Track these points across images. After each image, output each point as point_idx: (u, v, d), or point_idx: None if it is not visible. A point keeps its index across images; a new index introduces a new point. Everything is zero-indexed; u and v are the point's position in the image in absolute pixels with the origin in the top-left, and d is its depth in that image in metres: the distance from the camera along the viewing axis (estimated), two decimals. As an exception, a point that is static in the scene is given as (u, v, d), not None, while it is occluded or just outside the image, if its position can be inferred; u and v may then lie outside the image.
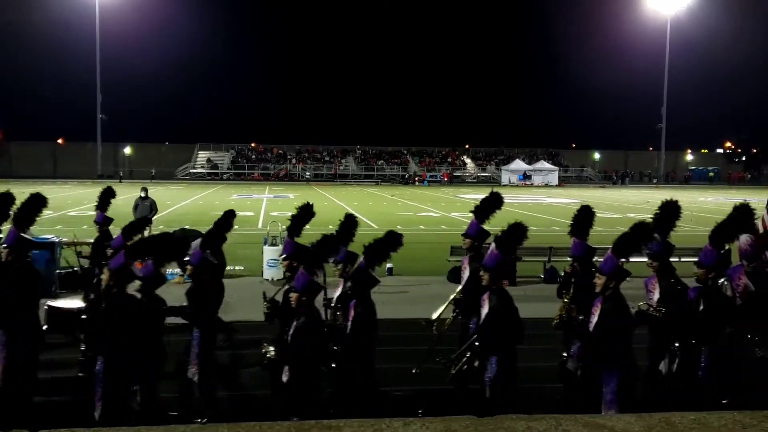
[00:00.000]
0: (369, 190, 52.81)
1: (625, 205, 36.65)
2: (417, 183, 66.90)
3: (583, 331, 5.78)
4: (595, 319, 5.50)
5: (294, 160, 77.36)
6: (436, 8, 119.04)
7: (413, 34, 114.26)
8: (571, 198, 43.53)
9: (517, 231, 5.98)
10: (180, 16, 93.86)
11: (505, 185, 65.78)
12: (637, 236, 5.76)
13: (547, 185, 65.40)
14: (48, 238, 12.41)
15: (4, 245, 5.92)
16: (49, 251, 11.40)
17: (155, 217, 16.24)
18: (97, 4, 66.58)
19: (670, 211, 6.38)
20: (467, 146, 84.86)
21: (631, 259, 5.94)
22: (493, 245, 5.91)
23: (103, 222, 8.69)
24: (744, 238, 6.61)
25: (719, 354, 5.81)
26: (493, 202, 6.84)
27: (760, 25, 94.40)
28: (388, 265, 13.89)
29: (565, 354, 6.19)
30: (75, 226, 21.58)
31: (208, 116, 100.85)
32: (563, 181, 69.71)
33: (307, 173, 72.92)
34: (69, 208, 29.28)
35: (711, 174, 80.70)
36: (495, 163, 78.75)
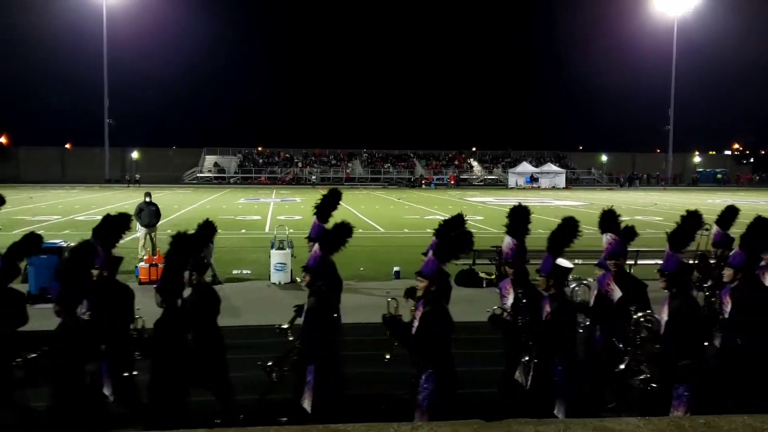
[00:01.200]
0: (376, 193, 52.82)
1: (633, 207, 36.47)
2: (424, 186, 66.86)
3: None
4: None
5: (300, 164, 77.50)
6: (442, 11, 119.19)
7: (420, 36, 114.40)
8: (579, 200, 43.38)
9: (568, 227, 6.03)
10: (187, 21, 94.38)
11: (512, 188, 65.68)
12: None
13: (554, 188, 65.22)
14: (56, 243, 12.46)
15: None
16: (56, 256, 11.44)
17: (160, 222, 16.23)
18: (105, 9, 66.97)
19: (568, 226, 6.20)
20: (474, 149, 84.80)
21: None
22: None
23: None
24: (606, 237, 6.53)
25: (572, 362, 5.64)
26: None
27: (767, 26, 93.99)
28: (396, 268, 13.88)
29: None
30: (83, 231, 21.71)
31: (215, 120, 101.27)
32: (570, 184, 69.50)
33: (313, 177, 72.99)
34: (77, 212, 29.40)
35: (719, 176, 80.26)
36: (502, 166, 78.62)
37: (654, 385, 5.68)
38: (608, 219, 6.58)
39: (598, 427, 5.51)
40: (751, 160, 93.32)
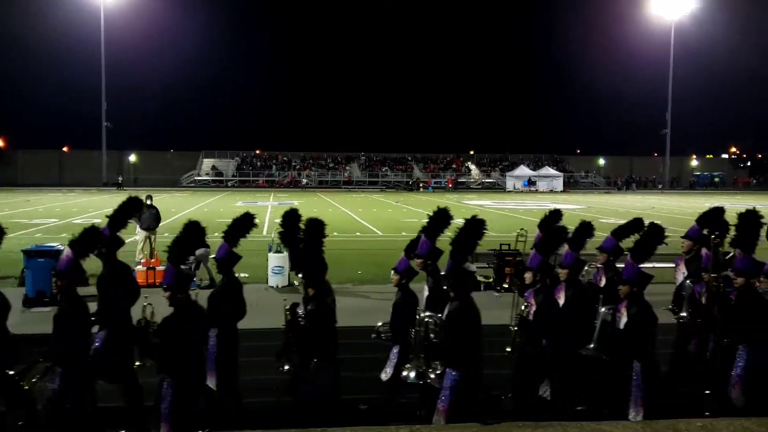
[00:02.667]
0: (373, 196, 52.83)
1: (631, 210, 36.52)
2: (421, 189, 66.89)
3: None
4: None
5: (299, 167, 77.50)
6: (441, 14, 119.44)
7: (418, 40, 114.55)
8: (577, 204, 43.43)
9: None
10: (184, 24, 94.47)
11: (509, 191, 65.72)
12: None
13: (551, 191, 65.29)
14: (53, 246, 12.43)
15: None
16: (54, 259, 11.40)
17: (160, 225, 16.19)
18: (102, 13, 66.97)
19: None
20: (472, 152, 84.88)
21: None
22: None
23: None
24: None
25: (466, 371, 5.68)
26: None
27: (765, 30, 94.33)
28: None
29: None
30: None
31: (213, 124, 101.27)
32: (568, 187, 69.59)
33: (304, 180, 72.75)
34: (74, 215, 29.36)
35: (716, 179, 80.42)
36: (499, 169, 78.68)
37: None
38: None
39: (595, 430, 5.51)
40: (749, 163, 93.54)
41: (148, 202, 15.55)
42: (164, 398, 4.99)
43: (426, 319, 5.69)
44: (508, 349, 6.26)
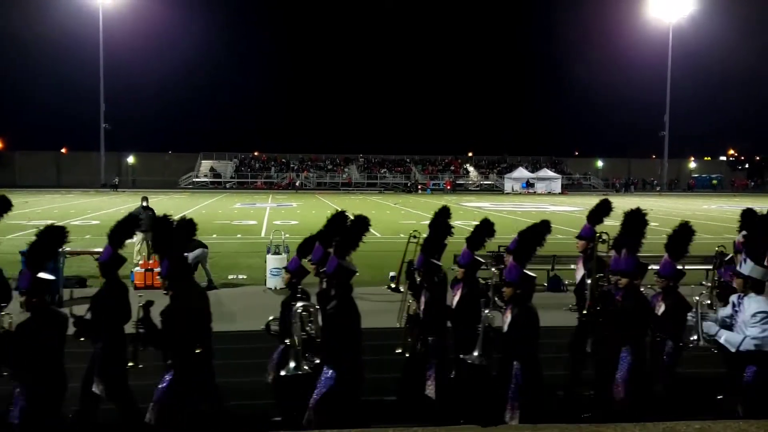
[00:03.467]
0: (372, 198, 52.82)
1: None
2: (420, 191, 66.91)
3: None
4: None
5: (296, 169, 77.48)
6: (439, 17, 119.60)
7: (416, 42, 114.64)
8: (575, 206, 43.46)
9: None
10: (183, 26, 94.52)
11: (508, 193, 65.77)
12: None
13: (550, 193, 65.36)
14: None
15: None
16: (51, 261, 11.36)
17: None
18: (101, 14, 66.99)
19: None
20: (470, 154, 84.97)
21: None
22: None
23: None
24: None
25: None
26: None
27: (762, 32, 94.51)
28: (392, 273, 13.84)
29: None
30: (79, 236, 21.64)
31: (212, 125, 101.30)
32: (566, 189, 69.67)
33: (298, 182, 72.63)
34: (72, 217, 29.33)
35: (714, 181, 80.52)
36: (498, 171, 78.76)
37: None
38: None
39: (594, 433, 5.51)
40: (746, 165, 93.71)
41: (144, 203, 15.50)
42: (15, 405, 4.89)
43: (301, 312, 5.63)
44: (398, 350, 6.28)
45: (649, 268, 6.58)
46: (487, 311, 5.89)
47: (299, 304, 5.76)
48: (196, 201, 44.63)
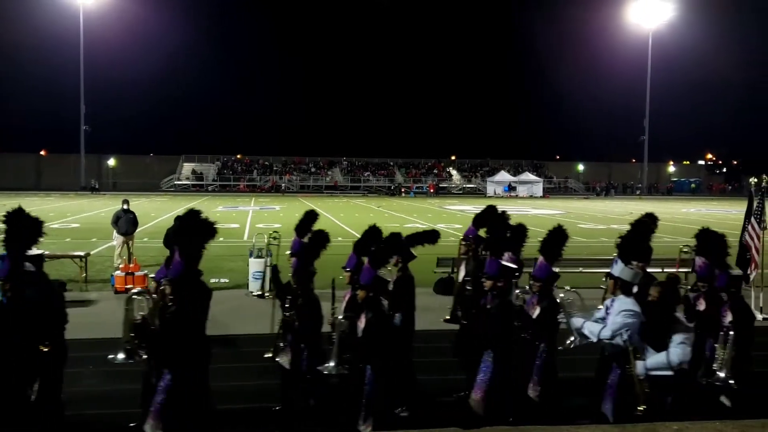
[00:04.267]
0: (355, 201, 52.82)
1: (609, 216, 36.97)
2: (403, 194, 67.03)
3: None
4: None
5: (279, 172, 77.24)
6: (423, 21, 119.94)
7: (400, 46, 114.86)
8: (556, 209, 43.82)
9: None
10: (165, 27, 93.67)
11: (490, 196, 66.14)
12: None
13: (531, 197, 65.82)
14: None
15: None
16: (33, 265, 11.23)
17: (137, 230, 16.04)
18: (81, 14, 66.31)
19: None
20: (453, 158, 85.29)
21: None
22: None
23: None
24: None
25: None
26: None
27: (741, 39, 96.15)
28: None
29: None
30: (58, 239, 21.40)
31: (194, 128, 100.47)
32: (548, 193, 70.22)
33: (282, 185, 72.20)
34: (52, 220, 28.98)
35: (693, 185, 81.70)
36: (480, 175, 79.16)
37: None
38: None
39: (574, 434, 5.57)
40: (724, 170, 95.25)
41: (125, 206, 15.37)
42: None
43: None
44: (267, 355, 6.41)
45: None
46: (341, 317, 5.77)
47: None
48: (177, 204, 44.30)
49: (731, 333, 5.81)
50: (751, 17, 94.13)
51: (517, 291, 6.23)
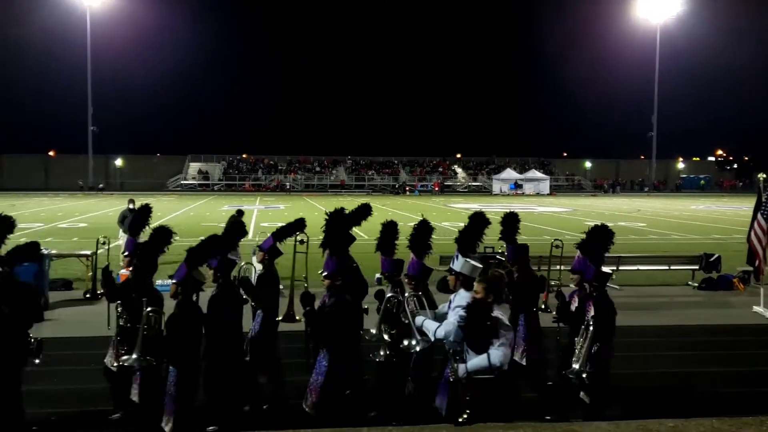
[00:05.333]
0: (360, 200, 52.70)
1: (616, 213, 36.78)
2: (408, 192, 66.93)
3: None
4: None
5: (285, 170, 77.30)
6: (428, 19, 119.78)
7: (404, 44, 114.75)
8: (563, 207, 43.65)
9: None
10: (171, 28, 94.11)
11: (496, 194, 65.94)
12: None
13: (538, 194, 65.58)
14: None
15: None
16: (37, 264, 11.27)
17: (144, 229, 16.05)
18: (88, 16, 66.57)
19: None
20: (458, 156, 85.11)
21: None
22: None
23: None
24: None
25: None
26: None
27: (749, 33, 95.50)
28: (378, 275, 13.80)
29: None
30: (66, 238, 21.49)
31: (200, 128, 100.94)
32: (555, 190, 69.94)
33: (287, 184, 72.11)
34: (60, 220, 29.11)
35: (702, 182, 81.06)
36: (486, 173, 78.94)
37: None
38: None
39: (567, 431, 5.53)
40: (735, 166, 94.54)
41: (130, 206, 15.40)
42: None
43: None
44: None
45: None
46: (149, 309, 5.61)
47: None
48: (184, 203, 44.43)
49: (591, 328, 5.70)
50: (759, 11, 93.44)
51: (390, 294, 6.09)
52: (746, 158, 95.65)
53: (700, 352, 9.03)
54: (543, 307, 7.44)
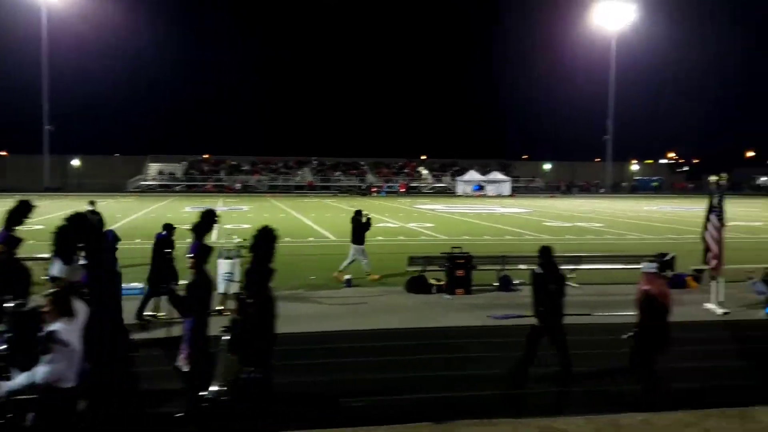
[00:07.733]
0: (326, 201, 52.73)
1: (574, 214, 37.61)
2: (374, 194, 67.11)
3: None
4: None
5: (248, 171, 76.60)
6: (393, 22, 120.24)
7: (370, 46, 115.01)
8: (523, 207, 44.39)
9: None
10: (131, 25, 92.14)
11: (460, 195, 66.65)
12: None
13: (499, 195, 66.56)
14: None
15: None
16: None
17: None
18: (44, 11, 64.86)
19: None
20: (424, 158, 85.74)
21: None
22: None
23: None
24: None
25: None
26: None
27: (701, 41, 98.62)
28: (347, 276, 13.93)
29: None
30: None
31: (161, 127, 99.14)
32: (515, 192, 71.09)
33: (237, 185, 71.42)
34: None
35: (655, 184, 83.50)
36: (450, 174, 79.70)
37: None
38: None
39: (545, 427, 5.76)
40: (685, 168, 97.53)
41: (91, 207, 15.12)
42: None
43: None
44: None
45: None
46: (10, 304, 5.58)
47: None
48: (144, 204, 43.69)
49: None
50: (711, 20, 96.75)
51: None
52: (696, 161, 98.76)
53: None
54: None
